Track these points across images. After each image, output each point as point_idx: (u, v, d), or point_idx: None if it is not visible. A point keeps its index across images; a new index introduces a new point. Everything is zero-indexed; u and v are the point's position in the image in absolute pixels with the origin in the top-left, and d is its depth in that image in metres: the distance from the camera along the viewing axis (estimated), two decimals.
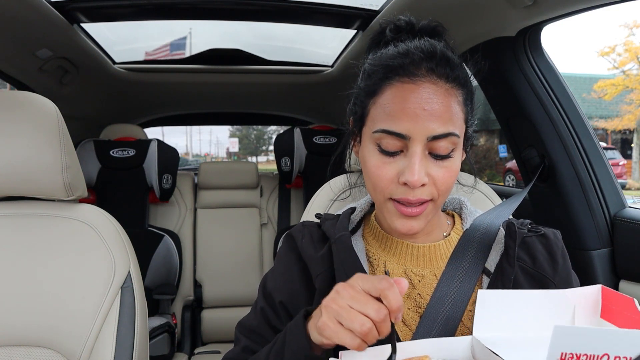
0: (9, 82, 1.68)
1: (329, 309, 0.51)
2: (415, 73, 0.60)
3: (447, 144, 0.60)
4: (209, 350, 2.12)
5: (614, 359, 0.42)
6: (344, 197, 0.90)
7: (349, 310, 0.50)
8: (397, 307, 0.49)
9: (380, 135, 0.61)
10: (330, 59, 2.13)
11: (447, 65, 0.61)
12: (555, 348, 0.43)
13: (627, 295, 0.53)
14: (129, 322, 0.87)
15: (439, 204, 0.64)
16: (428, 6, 1.19)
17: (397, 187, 0.61)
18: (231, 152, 25.40)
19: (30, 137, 0.85)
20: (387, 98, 0.61)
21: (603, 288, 0.56)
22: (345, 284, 0.53)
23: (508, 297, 0.56)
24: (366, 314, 0.49)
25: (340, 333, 0.50)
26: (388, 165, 0.62)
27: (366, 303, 0.50)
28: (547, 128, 1.20)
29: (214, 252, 2.29)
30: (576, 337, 0.43)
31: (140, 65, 2.11)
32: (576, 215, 1.19)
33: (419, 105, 0.59)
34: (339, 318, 0.50)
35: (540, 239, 0.70)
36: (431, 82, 0.60)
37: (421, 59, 0.60)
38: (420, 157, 0.59)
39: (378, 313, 0.49)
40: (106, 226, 0.92)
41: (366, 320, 0.49)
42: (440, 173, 0.61)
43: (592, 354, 0.42)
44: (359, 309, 0.49)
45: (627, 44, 11.62)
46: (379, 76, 0.63)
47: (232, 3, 1.51)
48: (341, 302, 0.51)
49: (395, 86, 0.61)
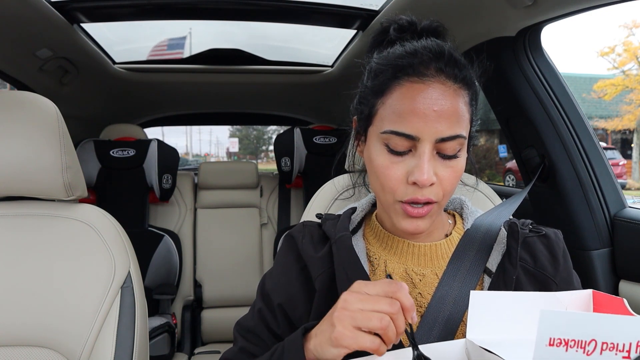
0: (9, 82, 1.68)
1: (341, 318, 0.51)
2: (424, 73, 0.60)
3: (454, 145, 0.60)
4: (209, 350, 2.12)
5: (601, 345, 0.42)
6: (347, 195, 0.90)
7: (362, 312, 0.50)
8: (410, 304, 0.50)
9: (388, 135, 0.61)
10: (330, 59, 2.13)
11: (455, 65, 0.61)
12: (543, 333, 0.43)
13: (627, 295, 0.53)
14: (129, 322, 0.87)
15: (443, 204, 0.65)
16: (428, 6, 1.19)
17: (406, 187, 0.61)
18: (231, 152, 25.41)
19: (30, 137, 0.85)
20: (396, 98, 0.61)
21: (594, 292, 0.57)
22: (350, 292, 0.53)
23: (501, 299, 0.56)
24: (380, 310, 0.50)
25: (360, 338, 0.50)
26: (397, 165, 0.61)
27: (377, 301, 0.50)
28: (547, 128, 1.20)
29: (214, 252, 2.29)
30: (564, 322, 0.42)
31: (140, 65, 2.11)
32: (576, 215, 1.19)
33: (429, 106, 0.58)
34: (354, 323, 0.50)
35: (542, 239, 0.70)
36: (440, 82, 0.60)
37: (430, 59, 0.60)
38: (429, 157, 0.60)
39: (392, 306, 0.49)
40: (106, 226, 0.92)
41: (383, 315, 0.49)
42: (447, 173, 0.61)
43: (580, 339, 0.42)
44: (372, 308, 0.50)
45: (627, 44, 11.62)
46: (387, 75, 0.62)
47: (231, 3, 1.51)
48: (353, 307, 0.51)
49: (404, 86, 0.60)
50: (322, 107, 2.66)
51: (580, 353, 0.42)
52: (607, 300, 0.55)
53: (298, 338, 0.56)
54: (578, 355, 0.42)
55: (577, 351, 0.42)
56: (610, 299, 0.54)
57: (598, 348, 0.42)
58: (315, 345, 0.54)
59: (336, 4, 1.52)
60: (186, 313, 2.15)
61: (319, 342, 0.54)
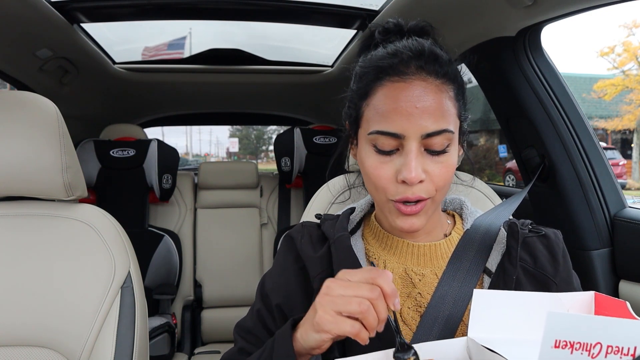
0: (9, 82, 1.68)
1: (323, 303, 0.52)
2: (404, 72, 0.60)
3: (441, 140, 0.61)
4: (209, 350, 2.12)
5: (607, 348, 0.42)
6: (343, 199, 0.90)
7: (343, 297, 0.51)
8: (390, 290, 0.50)
9: (375, 136, 0.62)
10: (331, 58, 2.14)
11: (435, 62, 0.61)
12: (549, 334, 0.43)
13: (627, 295, 0.53)
14: (129, 322, 0.87)
15: (437, 200, 0.65)
16: (428, 6, 1.19)
17: (396, 186, 0.62)
18: (231, 152, 25.40)
19: (30, 137, 0.85)
20: (379, 99, 0.62)
21: (596, 294, 0.57)
22: (333, 279, 0.54)
23: (503, 298, 0.56)
24: (361, 295, 0.50)
25: (340, 322, 0.50)
26: (385, 165, 0.62)
27: (358, 287, 0.51)
28: (547, 128, 1.20)
29: (214, 252, 2.29)
30: (570, 325, 0.42)
31: (140, 65, 2.11)
32: (576, 215, 1.19)
33: (411, 104, 0.59)
34: (335, 307, 0.51)
35: (541, 239, 0.70)
36: (421, 79, 0.60)
37: (410, 58, 0.61)
38: (416, 154, 0.60)
39: (372, 291, 0.50)
40: (106, 226, 0.92)
41: (362, 300, 0.50)
42: (436, 168, 0.62)
43: (586, 342, 0.42)
44: (353, 293, 0.51)
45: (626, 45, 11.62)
46: (370, 78, 0.63)
47: (231, 3, 1.51)
48: (334, 293, 0.52)
49: (386, 86, 0.61)
50: (322, 107, 2.67)
51: (586, 356, 0.42)
52: (609, 303, 0.55)
53: (287, 329, 0.58)
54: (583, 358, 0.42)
55: (582, 354, 0.42)
56: (613, 301, 0.54)
57: (603, 351, 0.42)
58: (301, 334, 0.56)
59: (336, 4, 1.52)
60: (186, 313, 2.15)
61: (304, 329, 0.55)
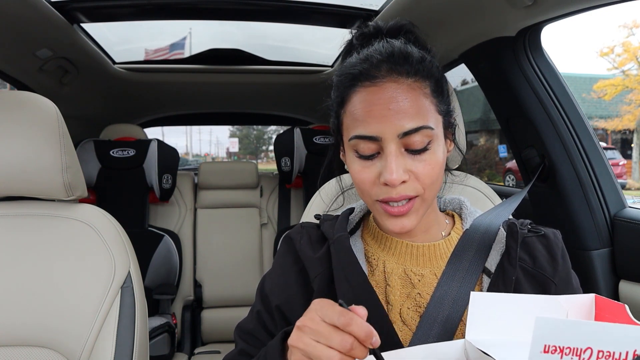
0: (9, 82, 1.68)
1: (296, 350, 0.51)
2: (376, 76, 0.61)
3: (421, 137, 0.60)
4: (209, 350, 2.12)
5: (597, 353, 0.42)
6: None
7: (315, 346, 0.49)
8: (364, 335, 0.47)
9: (355, 142, 0.62)
10: (330, 59, 2.14)
11: (405, 61, 0.61)
12: (538, 339, 0.42)
13: (627, 295, 0.53)
14: (129, 322, 0.87)
15: (427, 198, 0.64)
16: (428, 6, 1.19)
17: (379, 189, 0.62)
18: (231, 152, 25.40)
19: (30, 137, 0.85)
20: (355, 105, 0.62)
21: (596, 297, 0.56)
22: (307, 317, 0.51)
23: (501, 301, 0.56)
24: (332, 346, 0.48)
25: None
26: (368, 169, 0.63)
27: (329, 336, 0.48)
28: (547, 128, 1.20)
29: (214, 252, 2.29)
30: (559, 329, 0.42)
31: (140, 65, 2.11)
32: (576, 215, 1.19)
33: (384, 106, 0.60)
34: (307, 356, 0.49)
35: (541, 239, 0.70)
36: (392, 80, 0.61)
37: (380, 61, 0.61)
38: (396, 155, 0.60)
39: (343, 344, 0.47)
40: (106, 226, 0.92)
41: (334, 354, 0.47)
42: (420, 167, 0.61)
43: (576, 347, 0.42)
44: (325, 342, 0.48)
45: (626, 45, 11.61)
46: (345, 85, 0.64)
47: (231, 3, 1.51)
48: (306, 340, 0.50)
49: (360, 92, 0.62)
50: (322, 107, 2.66)
51: None
52: (609, 306, 0.54)
53: (277, 343, 0.58)
54: None
55: (572, 359, 0.42)
56: (613, 304, 0.54)
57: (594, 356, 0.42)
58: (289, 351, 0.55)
59: (336, 4, 1.53)
60: (186, 313, 2.15)
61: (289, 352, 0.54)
